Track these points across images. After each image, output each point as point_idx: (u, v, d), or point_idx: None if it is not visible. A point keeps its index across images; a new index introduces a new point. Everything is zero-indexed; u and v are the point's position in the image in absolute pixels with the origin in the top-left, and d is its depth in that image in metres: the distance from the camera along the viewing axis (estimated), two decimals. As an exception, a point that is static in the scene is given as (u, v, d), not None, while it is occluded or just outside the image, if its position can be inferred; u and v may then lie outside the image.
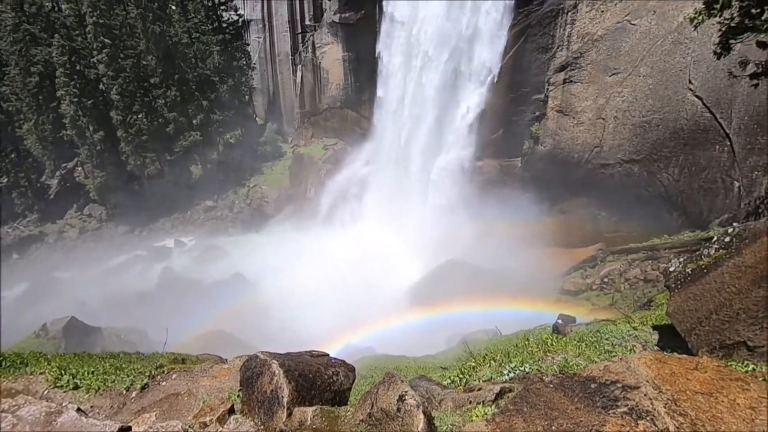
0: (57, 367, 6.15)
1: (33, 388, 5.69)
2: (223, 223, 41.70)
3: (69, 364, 6.46)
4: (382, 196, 33.68)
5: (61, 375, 5.90)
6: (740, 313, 6.06)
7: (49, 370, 6.02)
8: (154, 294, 30.39)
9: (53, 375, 5.90)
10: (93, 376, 5.96)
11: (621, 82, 20.95)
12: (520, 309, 18.86)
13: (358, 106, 40.25)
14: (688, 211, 19.60)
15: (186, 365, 6.48)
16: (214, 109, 43.54)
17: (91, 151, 41.18)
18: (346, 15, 37.79)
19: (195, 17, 43.04)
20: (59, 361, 6.60)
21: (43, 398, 5.45)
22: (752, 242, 6.46)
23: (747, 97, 16.96)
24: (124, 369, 6.22)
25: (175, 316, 23.75)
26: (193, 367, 6.11)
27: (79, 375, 5.94)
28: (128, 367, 6.29)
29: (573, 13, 22.20)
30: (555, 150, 24.03)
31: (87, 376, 5.94)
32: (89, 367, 6.28)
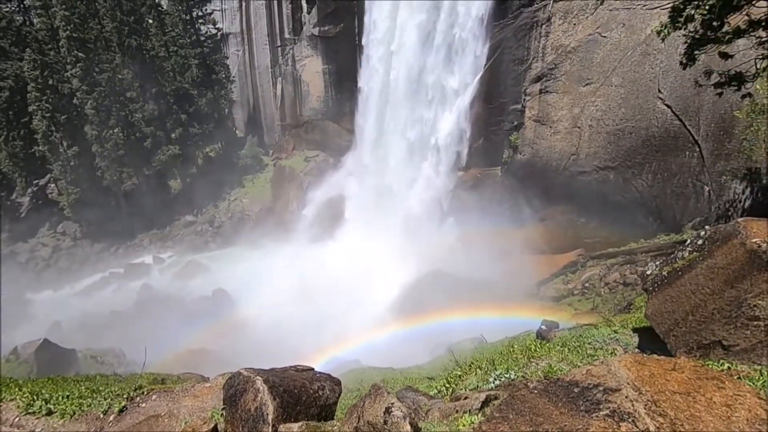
0: (29, 392, 5.89)
1: (3, 416, 5.43)
2: (203, 237, 40.99)
3: (42, 388, 6.20)
4: (365, 207, 33.69)
5: (34, 401, 5.66)
6: (714, 314, 6.25)
7: (20, 396, 5.76)
8: (131, 313, 29.52)
9: (25, 401, 5.65)
10: (68, 400, 5.73)
11: (594, 91, 21.60)
12: (505, 316, 18.98)
13: (339, 118, 40.38)
14: (663, 215, 20.19)
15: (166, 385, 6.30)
16: (192, 123, 43.03)
17: (65, 166, 40.09)
18: (326, 28, 38.09)
19: (172, 31, 42.70)
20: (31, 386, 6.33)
21: (14, 426, 5.21)
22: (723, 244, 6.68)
23: (713, 105, 17.70)
24: (101, 392, 6.00)
25: (155, 335, 23.10)
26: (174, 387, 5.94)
27: (52, 400, 5.70)
28: (105, 390, 6.07)
29: (547, 26, 22.88)
30: (534, 158, 24.52)
31: (61, 400, 5.71)
32: (63, 391, 6.04)
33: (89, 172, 41.30)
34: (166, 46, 42.02)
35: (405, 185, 29.99)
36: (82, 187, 40.57)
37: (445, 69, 26.76)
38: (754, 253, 5.93)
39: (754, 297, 5.72)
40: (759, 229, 6.31)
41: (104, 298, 33.28)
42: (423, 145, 28.76)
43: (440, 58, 26.74)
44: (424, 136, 28.63)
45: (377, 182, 32.84)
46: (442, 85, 27.17)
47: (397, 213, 30.36)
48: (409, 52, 27.99)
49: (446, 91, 27.12)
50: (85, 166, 40.96)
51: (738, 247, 6.26)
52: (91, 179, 41.34)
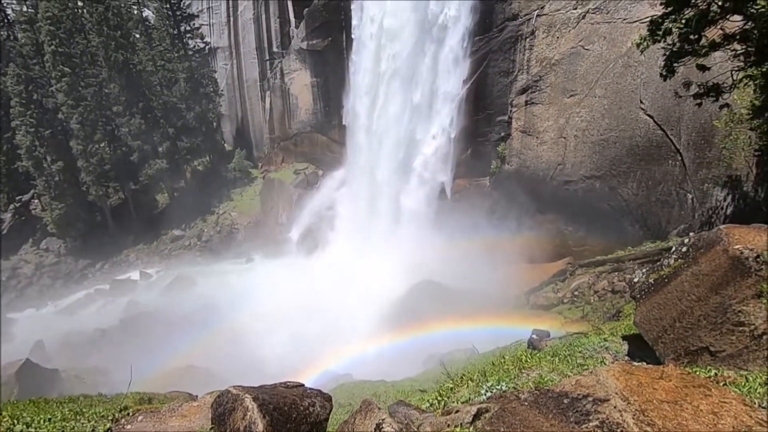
0: (9, 416, 5.70)
1: (-19, 442, 5.24)
2: (192, 252, 40.48)
3: (23, 411, 6.00)
4: (354, 219, 33.67)
5: (14, 425, 5.48)
6: (701, 320, 6.34)
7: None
8: (117, 330, 28.90)
9: (5, 425, 5.46)
10: (50, 423, 5.56)
11: (579, 102, 22.03)
12: (496, 326, 18.99)
13: (328, 130, 40.52)
14: (648, 222, 20.50)
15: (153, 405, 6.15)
16: (180, 137, 42.79)
17: (49, 182, 39.47)
18: (314, 42, 38.40)
19: (160, 45, 42.67)
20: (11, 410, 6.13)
21: (-8, 452, 5.03)
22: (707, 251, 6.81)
23: (693, 115, 18.16)
24: (85, 414, 5.83)
25: (141, 353, 22.62)
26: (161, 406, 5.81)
27: (34, 423, 5.53)
28: (89, 412, 5.90)
29: (531, 39, 23.37)
30: (521, 168, 24.81)
31: (43, 424, 5.54)
32: (45, 414, 5.86)
33: (74, 188, 40.70)
34: (154, 61, 41.93)
35: (394, 197, 30.08)
36: (67, 202, 39.93)
37: (433, 81, 27.11)
38: (736, 259, 6.04)
39: (738, 303, 5.82)
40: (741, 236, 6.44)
41: (89, 316, 32.55)
42: (411, 157, 28.95)
43: (428, 72, 27.10)
44: (412, 148, 28.83)
45: (367, 193, 32.90)
46: (429, 97, 27.48)
47: (387, 224, 30.38)
48: (397, 65, 28.33)
49: (434, 103, 27.43)
50: (70, 181, 40.37)
51: (721, 253, 6.38)
52: (75, 194, 40.74)
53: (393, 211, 30.21)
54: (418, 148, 28.45)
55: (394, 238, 29.29)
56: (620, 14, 20.41)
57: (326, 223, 35.83)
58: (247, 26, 43.85)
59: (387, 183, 30.64)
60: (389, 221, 30.42)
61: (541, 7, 22.75)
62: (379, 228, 30.93)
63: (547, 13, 22.57)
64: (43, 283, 38.42)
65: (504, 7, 23.93)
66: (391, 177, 30.24)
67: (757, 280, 5.72)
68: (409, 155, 29.09)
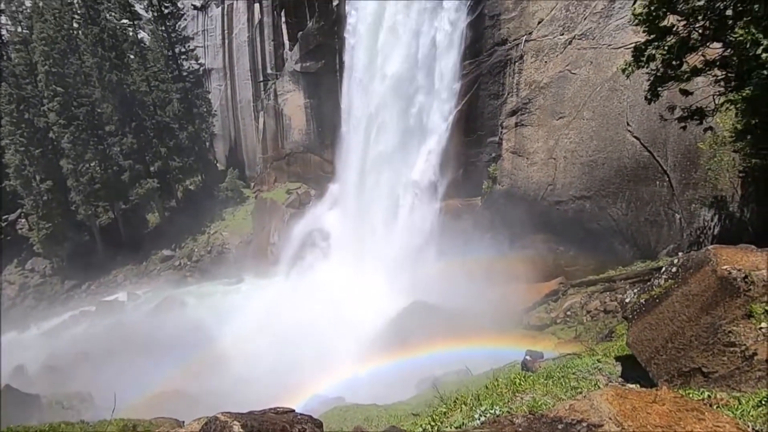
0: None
1: (-45, 473, 5.01)
2: (181, 272, 39.93)
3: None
4: (346, 239, 33.59)
5: (-10, 455, 5.25)
6: (693, 340, 6.35)
7: (-25, 450, 5.35)
8: (102, 353, 28.12)
9: (-19, 455, 5.24)
10: (28, 453, 5.34)
11: (567, 124, 22.48)
12: (489, 347, 18.83)
13: (321, 150, 40.77)
14: (638, 242, 20.70)
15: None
16: (173, 156, 42.75)
17: (37, 201, 39.02)
18: (308, 64, 39.00)
19: (154, 66, 43.03)
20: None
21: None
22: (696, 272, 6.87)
23: (678, 137, 18.59)
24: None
25: (126, 377, 22.01)
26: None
27: (11, 453, 5.31)
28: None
29: (519, 63, 23.97)
30: (512, 188, 25.06)
31: (21, 453, 5.32)
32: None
33: (62, 207, 40.26)
34: (148, 81, 42.21)
35: (386, 217, 30.12)
36: (55, 222, 39.41)
37: (425, 103, 27.56)
38: (725, 279, 6.11)
39: (728, 323, 5.85)
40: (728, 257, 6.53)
41: (73, 338, 31.71)
42: (404, 177, 29.15)
43: (420, 94, 27.58)
44: (405, 168, 29.06)
45: (359, 214, 32.92)
46: (422, 118, 27.89)
47: (379, 244, 30.33)
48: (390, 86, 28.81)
49: (426, 124, 27.81)
50: (59, 200, 39.96)
51: (710, 274, 6.44)
52: (64, 214, 40.26)
53: (385, 231, 30.21)
54: (410, 168, 28.68)
55: (386, 258, 29.19)
56: (605, 40, 21.07)
57: (318, 242, 35.67)
58: (241, 48, 44.49)
59: (379, 203, 30.74)
60: (381, 241, 30.38)
61: (529, 33, 23.42)
62: (372, 248, 30.85)
63: (535, 39, 23.23)
64: (27, 305, 37.54)
65: (493, 33, 24.59)
66: (384, 197, 30.36)
67: (746, 300, 5.78)
68: (401, 175, 29.29)
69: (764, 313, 5.32)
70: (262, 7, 41.40)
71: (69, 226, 40.64)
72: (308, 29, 38.11)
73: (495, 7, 24.14)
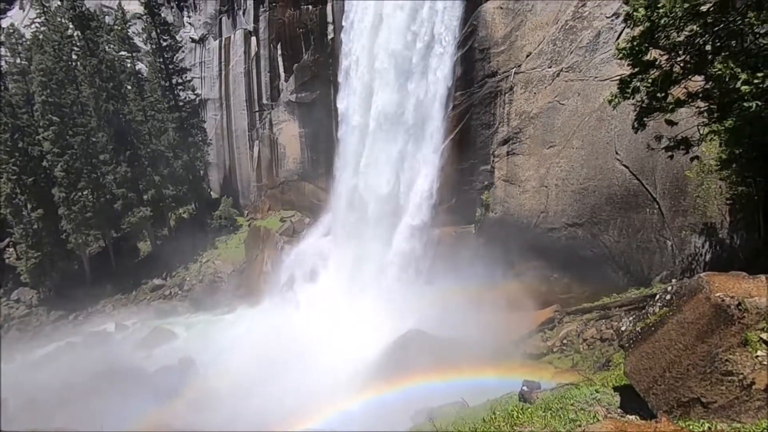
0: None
1: None
2: (172, 302, 39.21)
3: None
4: (340, 268, 33.37)
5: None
6: (690, 370, 6.30)
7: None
8: (87, 387, 27.12)
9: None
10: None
11: (558, 153, 22.92)
12: (485, 377, 18.49)
13: (315, 179, 41.04)
14: (631, 269, 20.77)
15: (121, 472, 5.69)
16: (166, 184, 42.74)
17: (27, 230, 38.58)
18: (303, 95, 39.79)
19: (151, 96, 43.60)
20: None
21: None
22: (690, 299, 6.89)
23: (666, 165, 18.99)
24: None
25: (113, 412, 21.23)
26: (130, 473, 5.38)
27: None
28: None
29: (510, 94, 24.63)
30: (505, 216, 25.24)
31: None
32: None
33: (53, 236, 39.80)
34: (144, 111, 42.67)
35: (380, 245, 30.07)
36: (44, 251, 38.85)
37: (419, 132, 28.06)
38: (719, 307, 6.12)
39: (724, 351, 5.83)
40: (721, 284, 6.56)
41: (58, 371, 30.63)
42: (398, 205, 29.30)
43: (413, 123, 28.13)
44: (398, 196, 29.26)
45: (353, 241, 32.86)
46: (415, 147, 28.32)
47: (373, 272, 30.14)
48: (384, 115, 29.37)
49: (419, 152, 28.22)
50: (49, 229, 39.55)
51: (704, 301, 6.46)
52: (54, 243, 39.75)
53: (379, 259, 30.09)
54: (404, 196, 28.87)
55: (380, 287, 28.95)
56: (592, 73, 21.79)
57: (311, 271, 35.37)
58: (238, 79, 45.35)
59: (373, 231, 30.74)
60: (375, 269, 30.20)
61: (518, 65, 24.19)
62: (365, 276, 30.63)
63: (524, 71, 23.97)
64: (11, 336, 36.45)
65: (484, 65, 25.37)
66: (378, 225, 30.40)
67: (741, 327, 5.78)
68: (395, 204, 29.45)
69: (760, 341, 5.32)
70: (259, 41, 42.53)
71: (58, 255, 40.03)
72: (304, 61, 39.09)
73: (484, 41, 25.00)
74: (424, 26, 26.57)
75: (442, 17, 25.90)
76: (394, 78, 28.33)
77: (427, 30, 26.50)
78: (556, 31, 22.65)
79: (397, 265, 28.97)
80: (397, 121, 28.52)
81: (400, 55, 27.90)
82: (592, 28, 21.63)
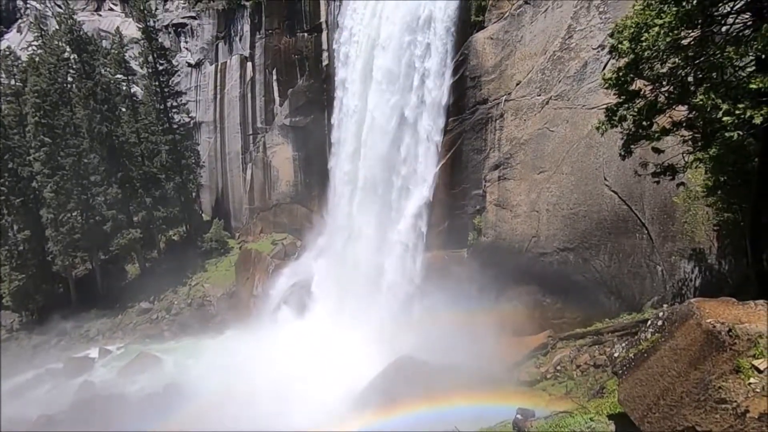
0: None
1: None
2: (159, 326, 38.32)
3: None
4: (331, 292, 33.04)
5: None
6: (684, 397, 6.25)
7: None
8: (66, 416, 26.16)
9: None
10: None
11: (548, 179, 23.25)
12: (478, 404, 18.15)
13: (308, 201, 41.07)
14: (623, 294, 20.81)
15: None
16: (157, 206, 42.45)
17: (12, 251, 37.87)
18: (297, 119, 40.29)
19: (145, 119, 43.79)
20: None
21: None
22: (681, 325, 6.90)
23: (654, 191, 19.33)
24: None
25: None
26: None
27: None
28: None
29: (500, 121, 25.14)
30: (497, 240, 25.33)
31: None
32: None
33: (38, 257, 39.06)
34: (138, 133, 42.75)
35: (372, 269, 29.91)
36: (29, 273, 38.04)
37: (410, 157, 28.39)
38: (710, 333, 6.14)
39: (717, 378, 5.82)
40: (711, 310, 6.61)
41: (36, 400, 29.52)
42: (390, 229, 29.32)
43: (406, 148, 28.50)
44: (391, 221, 29.31)
45: (344, 265, 32.65)
46: (408, 171, 28.59)
47: (365, 297, 29.85)
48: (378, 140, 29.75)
49: (412, 177, 28.48)
50: (35, 250, 38.85)
51: (695, 327, 6.48)
52: (39, 265, 38.98)
53: (371, 283, 29.87)
54: (397, 221, 28.93)
55: (371, 311, 28.63)
56: (579, 101, 22.38)
57: (302, 295, 34.94)
58: (232, 103, 45.84)
59: (365, 255, 30.63)
60: (367, 294, 29.93)
61: (508, 93, 24.79)
62: (357, 301, 30.32)
63: (514, 99, 24.56)
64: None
65: (475, 93, 25.96)
66: (370, 249, 30.32)
67: (733, 354, 5.79)
68: (388, 228, 29.47)
69: (752, 368, 5.32)
70: (255, 66, 43.26)
71: (43, 278, 39.20)
72: (298, 87, 39.75)
73: (476, 69, 25.67)
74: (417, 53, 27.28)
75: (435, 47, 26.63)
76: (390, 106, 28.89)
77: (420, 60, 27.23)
78: (544, 61, 23.35)
79: (389, 289, 28.76)
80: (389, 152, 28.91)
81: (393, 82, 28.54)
82: (579, 58, 22.34)
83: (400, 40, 27.76)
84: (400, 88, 28.30)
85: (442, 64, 26.53)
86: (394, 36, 28.04)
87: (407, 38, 27.40)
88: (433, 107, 27.07)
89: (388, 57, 28.46)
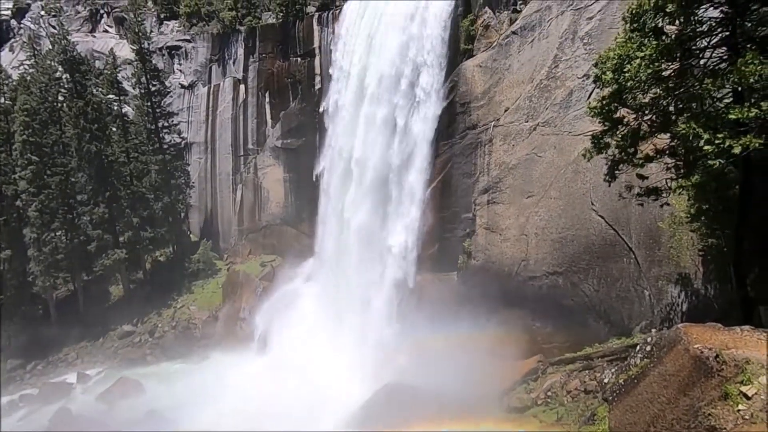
0: None
1: None
2: (141, 350, 37.19)
3: None
4: (320, 315, 32.59)
5: None
6: (674, 424, 6.21)
7: None
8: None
9: None
10: None
11: (536, 203, 23.57)
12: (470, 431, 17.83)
13: (298, 223, 40.93)
14: (612, 318, 20.87)
15: None
16: (144, 226, 41.80)
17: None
18: (288, 141, 40.56)
19: (136, 138, 43.61)
20: None
21: None
22: (669, 350, 6.93)
23: (639, 216, 19.68)
24: None
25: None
26: None
27: None
28: None
29: (489, 146, 25.60)
30: (487, 264, 25.40)
31: None
32: None
33: (18, 278, 38.01)
34: (127, 152, 42.45)
35: (361, 292, 29.66)
36: (8, 294, 36.88)
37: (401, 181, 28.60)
38: (698, 359, 6.17)
39: (707, 405, 5.81)
40: (698, 335, 6.65)
41: (8, 428, 28.20)
42: (380, 253, 29.24)
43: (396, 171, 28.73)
44: (380, 244, 29.26)
45: (333, 288, 32.34)
46: (398, 195, 28.75)
47: (353, 320, 29.48)
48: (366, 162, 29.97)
49: (402, 200, 28.62)
50: (15, 270, 37.82)
51: (683, 353, 6.51)
52: (19, 286, 37.89)
53: (360, 307, 29.56)
54: (386, 244, 28.89)
55: (360, 335, 28.23)
56: (566, 128, 22.95)
57: (291, 318, 34.36)
58: (224, 124, 46.03)
59: (354, 278, 30.41)
60: (356, 317, 29.58)
61: (497, 119, 25.35)
62: (345, 325, 29.92)
63: (502, 125, 25.10)
64: (-42, 389, 33.59)
65: (465, 118, 26.51)
66: (359, 272, 30.12)
67: (721, 380, 5.80)
68: (377, 251, 29.40)
69: (740, 394, 5.33)
70: (248, 88, 43.71)
71: (22, 299, 38.05)
72: (290, 109, 40.18)
73: (465, 96, 26.29)
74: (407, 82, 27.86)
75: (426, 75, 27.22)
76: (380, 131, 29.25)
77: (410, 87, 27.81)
78: (531, 89, 24.02)
79: (379, 312, 28.45)
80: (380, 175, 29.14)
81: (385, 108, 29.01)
82: (565, 87, 23.03)
83: (389, 86, 28.37)
84: (391, 111, 28.72)
85: (433, 92, 27.12)
86: (384, 76, 28.59)
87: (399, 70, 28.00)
88: (424, 132, 27.48)
89: (380, 106, 28.95)
